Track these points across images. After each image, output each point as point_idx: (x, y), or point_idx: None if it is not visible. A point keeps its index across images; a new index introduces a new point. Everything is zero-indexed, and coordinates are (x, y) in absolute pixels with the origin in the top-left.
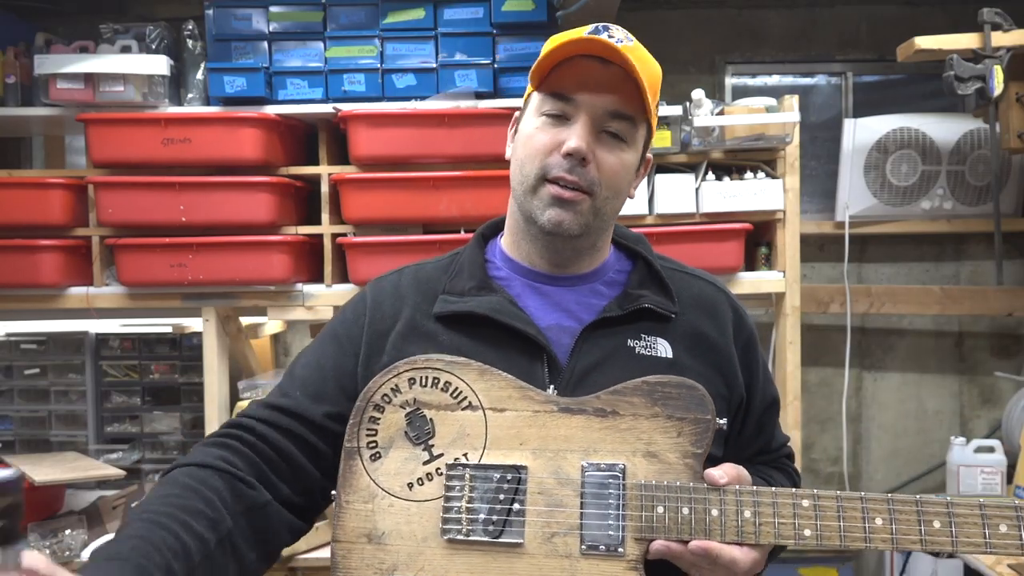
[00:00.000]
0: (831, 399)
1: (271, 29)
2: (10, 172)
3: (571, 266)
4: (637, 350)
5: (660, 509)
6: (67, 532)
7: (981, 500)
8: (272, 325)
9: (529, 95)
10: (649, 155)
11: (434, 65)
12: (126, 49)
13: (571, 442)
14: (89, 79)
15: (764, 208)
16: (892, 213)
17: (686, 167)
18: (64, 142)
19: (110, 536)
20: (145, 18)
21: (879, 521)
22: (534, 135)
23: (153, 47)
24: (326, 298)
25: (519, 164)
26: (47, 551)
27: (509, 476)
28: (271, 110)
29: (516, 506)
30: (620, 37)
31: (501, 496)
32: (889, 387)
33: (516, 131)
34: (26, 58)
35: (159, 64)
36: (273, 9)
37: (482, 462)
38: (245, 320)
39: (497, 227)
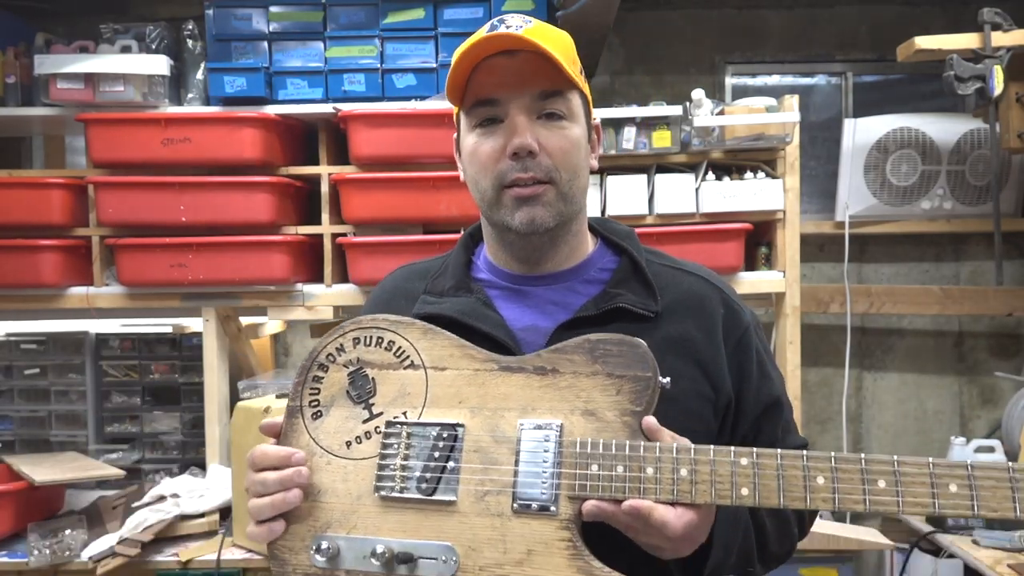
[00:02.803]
0: (831, 399)
1: (271, 29)
2: (10, 172)
3: (550, 263)
4: None
5: (595, 468)
6: (67, 532)
7: (931, 459)
8: (272, 325)
9: (457, 115)
10: (596, 121)
11: (434, 65)
12: (126, 49)
13: (510, 400)
14: (89, 79)
15: (764, 208)
16: (892, 213)
17: (686, 167)
18: (64, 142)
19: (110, 536)
20: (145, 18)
21: (821, 480)
22: (476, 150)
23: (153, 47)
24: (326, 298)
25: (474, 182)
26: (47, 551)
27: (445, 434)
28: (271, 110)
29: (451, 464)
30: (517, 24)
31: (436, 454)
32: (889, 387)
33: (460, 153)
34: (26, 58)
35: (159, 64)
36: (273, 9)
37: (420, 420)
38: (245, 320)
39: None
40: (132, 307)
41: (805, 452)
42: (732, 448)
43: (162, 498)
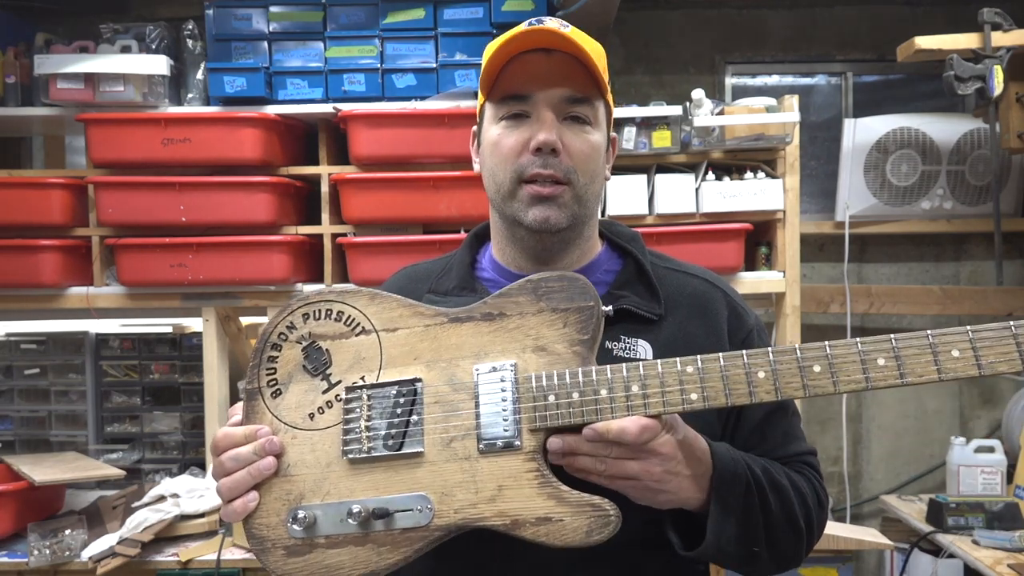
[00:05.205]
0: (831, 399)
1: (271, 29)
2: (10, 172)
3: (559, 263)
4: (615, 352)
5: (552, 398)
6: (67, 532)
7: (858, 340)
8: None
9: (482, 106)
10: (614, 135)
11: (434, 65)
12: (126, 49)
13: (462, 349)
14: (89, 79)
15: (764, 208)
16: (892, 213)
17: (686, 167)
18: (64, 142)
19: (110, 536)
20: (145, 18)
21: (761, 375)
22: (499, 141)
23: (153, 47)
24: None
25: (490, 173)
26: (47, 551)
27: (405, 390)
28: (271, 110)
29: (414, 417)
30: (557, 25)
31: (399, 410)
32: None
33: (478, 145)
34: (26, 58)
35: (159, 64)
36: (273, 9)
37: (378, 381)
38: (245, 320)
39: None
40: (132, 307)
41: (745, 352)
42: (678, 359)
43: (162, 498)
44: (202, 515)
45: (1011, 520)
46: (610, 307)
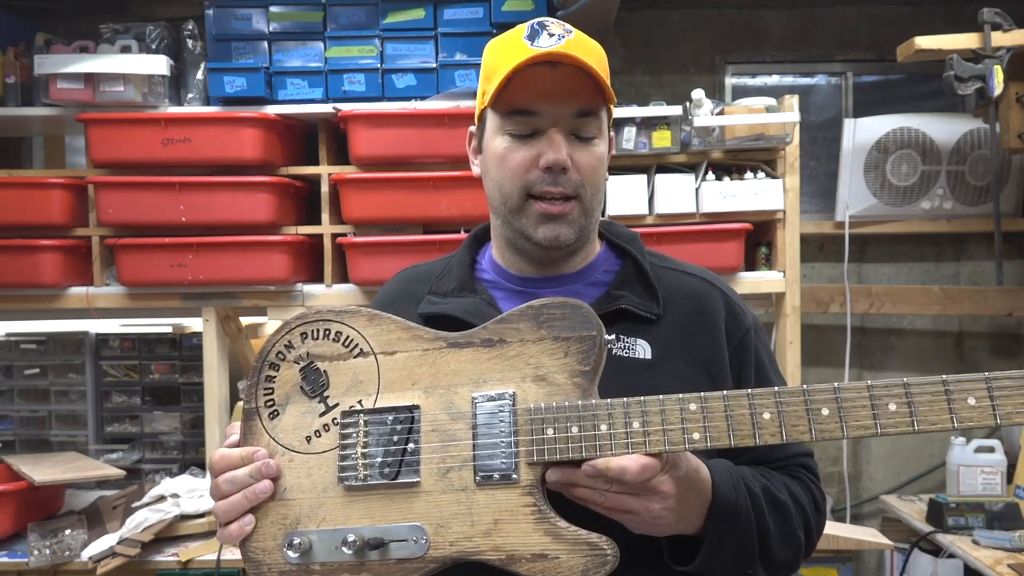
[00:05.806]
0: None
1: (271, 29)
2: (10, 172)
3: (560, 269)
4: (614, 351)
5: (550, 431)
6: (67, 532)
7: (869, 382)
8: (272, 325)
9: (482, 111)
10: (611, 133)
11: (434, 65)
12: (126, 49)
13: (461, 376)
14: (89, 79)
15: (764, 208)
16: (892, 213)
17: (686, 167)
18: (64, 142)
19: (110, 536)
20: (145, 18)
21: (767, 416)
22: (506, 155)
23: (153, 47)
24: (326, 298)
25: (496, 184)
26: (47, 551)
27: (402, 417)
28: (271, 110)
29: (411, 446)
30: (560, 33)
31: (395, 438)
32: None
33: (477, 147)
34: (26, 58)
35: (159, 64)
36: (273, 9)
37: (376, 406)
38: (245, 320)
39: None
40: (132, 307)
41: (750, 391)
42: (680, 395)
43: (162, 498)
44: (202, 515)
45: (1011, 520)
46: (613, 336)
